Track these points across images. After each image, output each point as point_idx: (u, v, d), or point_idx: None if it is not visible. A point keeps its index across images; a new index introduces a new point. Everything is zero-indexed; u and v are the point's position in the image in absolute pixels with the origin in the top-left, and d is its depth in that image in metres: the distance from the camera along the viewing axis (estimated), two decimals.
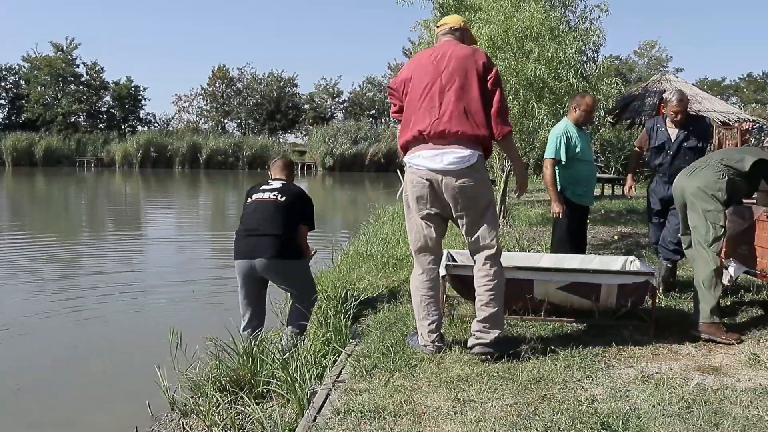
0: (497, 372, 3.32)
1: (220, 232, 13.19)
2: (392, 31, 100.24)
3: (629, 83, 35.32)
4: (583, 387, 3.19)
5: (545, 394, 3.06)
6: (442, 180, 3.46)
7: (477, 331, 3.53)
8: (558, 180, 5.08)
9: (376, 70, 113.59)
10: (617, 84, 8.19)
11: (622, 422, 2.72)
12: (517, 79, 7.16)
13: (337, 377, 3.31)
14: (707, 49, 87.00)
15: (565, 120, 5.23)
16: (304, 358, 3.65)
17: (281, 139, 54.15)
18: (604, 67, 8.96)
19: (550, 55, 7.21)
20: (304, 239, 4.65)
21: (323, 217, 16.57)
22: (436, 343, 3.61)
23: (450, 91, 3.48)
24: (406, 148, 3.65)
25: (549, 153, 5.07)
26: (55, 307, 6.47)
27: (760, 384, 3.29)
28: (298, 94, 58.21)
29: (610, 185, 16.87)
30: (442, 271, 4.20)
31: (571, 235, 5.17)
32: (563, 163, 5.04)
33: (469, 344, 3.57)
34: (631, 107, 12.12)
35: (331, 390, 3.14)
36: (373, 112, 57.68)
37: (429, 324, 3.61)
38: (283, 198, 4.55)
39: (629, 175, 5.85)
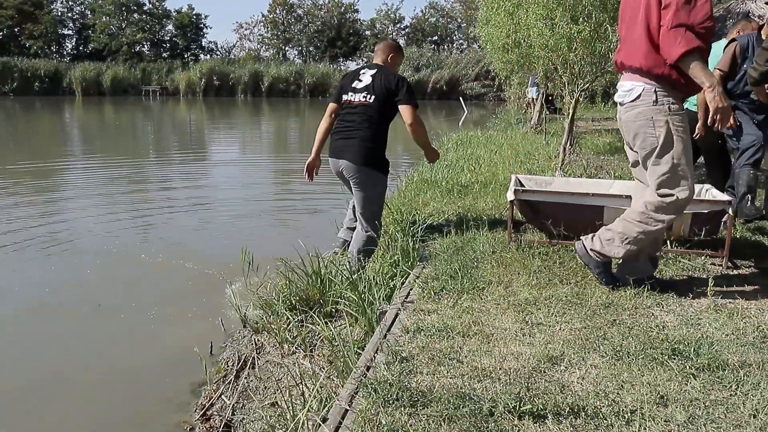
0: (566, 296, 3.31)
1: (282, 155, 13.37)
2: None
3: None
4: (653, 314, 3.16)
5: (614, 320, 3.05)
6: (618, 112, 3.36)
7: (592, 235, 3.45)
8: None
9: None
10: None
11: (694, 349, 2.68)
12: None
13: (406, 298, 3.36)
14: None
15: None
16: (373, 279, 3.71)
17: (342, 67, 53.76)
18: None
19: None
20: (412, 118, 4.36)
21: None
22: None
23: (627, 19, 3.24)
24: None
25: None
26: (126, 226, 6.75)
27: None
28: (359, 20, 57.35)
29: None
30: (510, 196, 4.16)
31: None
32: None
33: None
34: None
35: (400, 310, 3.20)
36: (436, 38, 56.45)
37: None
38: (372, 98, 4.37)
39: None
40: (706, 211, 4.00)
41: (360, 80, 4.46)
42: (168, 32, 54.01)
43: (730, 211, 3.94)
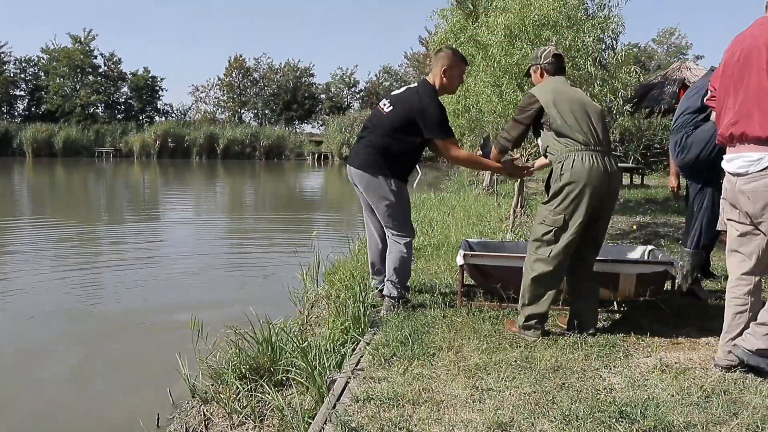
0: (515, 361, 3.33)
1: (236, 217, 13.30)
2: (409, 20, 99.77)
3: (648, 71, 34.88)
4: (601, 376, 3.19)
5: (563, 383, 3.07)
6: (735, 183, 3.12)
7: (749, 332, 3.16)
8: None
9: (393, 59, 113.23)
10: (636, 72, 8.11)
11: (641, 411, 2.71)
12: None
13: (356, 365, 3.33)
14: (728, 36, 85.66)
15: None
16: (323, 346, 3.68)
17: (298, 129, 54.26)
18: (622, 56, 8.86)
19: (567, 43, 7.15)
20: (450, 154, 4.13)
21: (341, 206, 16.63)
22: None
23: (739, 85, 3.04)
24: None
25: None
26: (71, 287, 6.58)
27: None
28: (315, 83, 58.25)
29: (628, 174, 16.73)
30: (460, 260, 4.21)
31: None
32: None
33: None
34: (650, 96, 12.02)
35: (350, 378, 3.16)
36: None
37: (724, 334, 3.29)
38: (391, 107, 4.17)
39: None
40: (650, 272, 4.11)
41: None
42: (123, 94, 53.98)
43: (672, 271, 4.05)
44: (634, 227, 8.56)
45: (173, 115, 55.64)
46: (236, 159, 43.63)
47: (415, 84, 4.26)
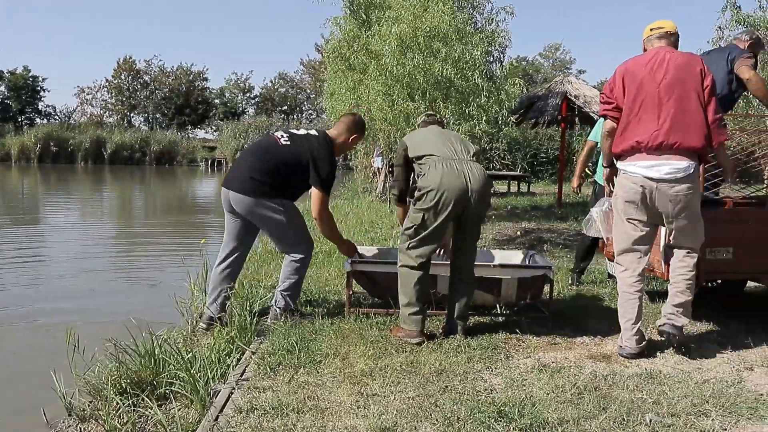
0: (400, 366, 3.38)
1: (123, 222, 12.77)
2: (305, 27, 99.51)
3: (536, 84, 36.48)
4: (483, 378, 3.30)
5: (447, 386, 3.15)
6: (657, 188, 3.59)
7: (670, 313, 3.73)
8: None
9: (289, 65, 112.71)
10: (520, 85, 8.47)
11: (518, 410, 2.83)
12: (424, 78, 7.27)
13: (241, 375, 3.28)
14: (609, 53, 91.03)
15: None
16: (208, 357, 3.59)
17: (190, 134, 52.84)
18: (508, 68, 9.22)
19: (457, 55, 7.35)
20: (318, 208, 4.24)
21: None
22: (636, 344, 3.70)
23: (669, 103, 3.56)
24: (619, 155, 3.75)
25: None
26: None
27: (645, 369, 3.50)
28: (208, 88, 56.96)
29: (515, 182, 17.40)
30: (348, 267, 4.24)
31: None
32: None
33: (659, 323, 3.78)
34: (535, 107, 12.54)
35: (234, 389, 3.11)
36: (285, 108, 57.13)
37: (626, 323, 3.72)
38: (289, 142, 4.25)
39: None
40: (530, 276, 4.28)
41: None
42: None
43: (551, 275, 4.24)
44: (519, 233, 8.90)
45: (56, 117, 52.82)
46: (125, 164, 41.84)
47: (316, 133, 4.38)
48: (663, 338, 3.80)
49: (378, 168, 17.03)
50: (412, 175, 4.17)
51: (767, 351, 3.87)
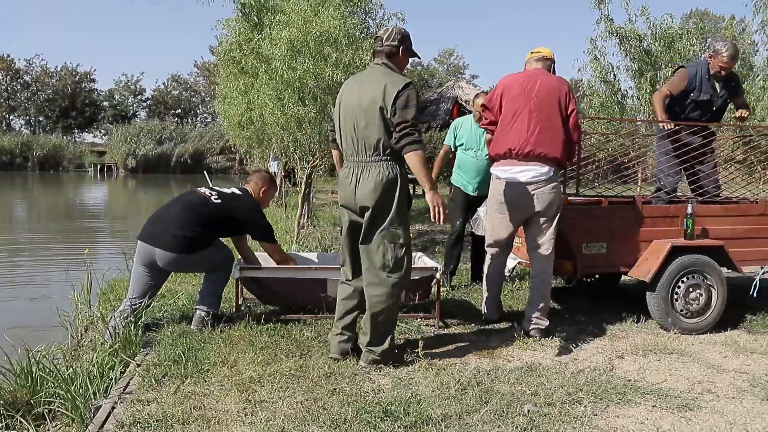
0: (289, 370, 3.40)
1: (4, 233, 12.02)
2: (200, 28, 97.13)
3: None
4: (371, 379, 3.37)
5: (335, 389, 3.19)
6: (523, 190, 4.09)
7: (534, 317, 4.17)
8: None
9: (183, 67, 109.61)
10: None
11: (404, 409, 2.91)
12: (315, 82, 7.29)
13: (124, 389, 3.19)
14: (500, 58, 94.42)
15: (469, 116, 5.71)
16: (90, 372, 3.46)
17: (77, 139, 50.43)
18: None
19: (347, 60, 7.42)
20: (277, 257, 4.53)
21: (125, 221, 15.72)
22: (497, 312, 4.51)
23: (538, 117, 4.06)
24: (494, 159, 4.26)
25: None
26: None
27: (526, 362, 3.69)
28: (96, 90, 54.58)
29: (412, 185, 17.69)
30: (236, 274, 4.20)
31: (452, 217, 5.61)
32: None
33: (526, 326, 4.20)
34: (427, 111, 12.86)
35: (116, 403, 3.02)
36: (179, 111, 55.57)
37: (488, 296, 4.47)
38: (219, 201, 4.36)
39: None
40: (418, 277, 4.39)
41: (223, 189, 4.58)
42: None
43: (438, 275, 4.37)
44: (412, 235, 9.07)
45: None
46: (4, 170, 39.37)
47: (240, 192, 4.54)
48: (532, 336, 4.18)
49: (274, 172, 16.86)
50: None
51: (637, 340, 4.15)
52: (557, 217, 4.16)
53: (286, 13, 7.82)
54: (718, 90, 5.06)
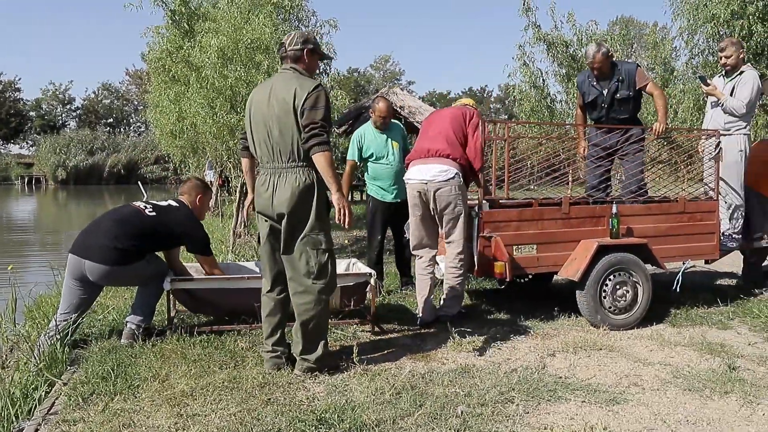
0: (223, 383, 3.35)
1: None
2: (131, 35, 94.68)
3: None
4: (305, 387, 3.35)
5: (269, 399, 3.16)
6: (427, 189, 4.45)
7: (445, 304, 4.62)
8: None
9: (113, 76, 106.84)
10: (342, 96, 8.66)
11: (338, 416, 2.91)
12: (247, 90, 7.23)
13: (49, 410, 3.09)
14: (438, 66, 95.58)
15: (366, 124, 5.64)
16: (11, 394, 3.34)
17: (2, 150, 48.53)
18: (335, 80, 9.42)
19: (279, 67, 7.38)
20: (211, 270, 4.48)
21: (54, 235, 15.22)
22: (428, 314, 4.60)
23: (441, 127, 4.61)
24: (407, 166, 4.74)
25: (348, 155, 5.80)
26: None
27: (460, 364, 3.74)
28: (22, 99, 52.65)
29: (350, 192, 17.70)
30: (167, 286, 4.12)
31: (373, 228, 5.68)
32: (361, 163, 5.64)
33: (438, 311, 4.64)
34: (362, 118, 12.90)
35: (40, 425, 2.92)
36: (111, 120, 54.15)
37: (420, 298, 4.61)
38: (154, 213, 4.31)
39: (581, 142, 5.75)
40: (353, 283, 4.40)
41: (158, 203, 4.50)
42: None
43: (372, 281, 4.39)
44: (347, 241, 9.09)
45: None
46: None
47: (176, 204, 4.49)
48: (443, 321, 4.51)
49: (210, 181, 16.63)
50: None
51: (568, 338, 4.26)
52: (462, 216, 4.43)
53: (216, 20, 7.75)
54: (602, 89, 5.41)
